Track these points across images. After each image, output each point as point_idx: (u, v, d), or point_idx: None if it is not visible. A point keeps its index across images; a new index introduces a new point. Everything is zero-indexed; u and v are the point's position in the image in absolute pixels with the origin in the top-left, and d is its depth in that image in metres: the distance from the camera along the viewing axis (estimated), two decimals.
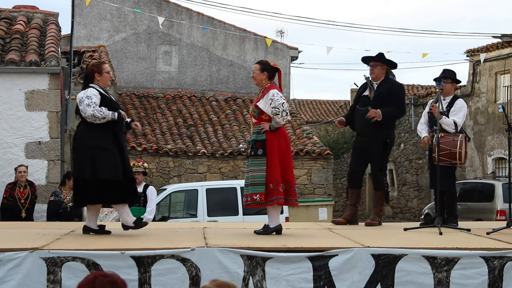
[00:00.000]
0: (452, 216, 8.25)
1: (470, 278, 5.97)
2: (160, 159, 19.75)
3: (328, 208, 16.24)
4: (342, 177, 29.25)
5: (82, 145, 6.82)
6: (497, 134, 22.67)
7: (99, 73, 6.96)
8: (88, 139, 6.78)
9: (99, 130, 6.78)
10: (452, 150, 7.87)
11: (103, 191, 6.72)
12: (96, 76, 6.95)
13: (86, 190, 6.76)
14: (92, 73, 6.98)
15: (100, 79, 6.96)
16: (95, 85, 6.92)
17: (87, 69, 7.13)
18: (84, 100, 6.76)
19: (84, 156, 6.76)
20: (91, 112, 6.71)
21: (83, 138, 6.82)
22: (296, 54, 25.35)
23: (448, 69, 8.68)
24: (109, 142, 6.80)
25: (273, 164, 6.99)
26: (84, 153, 6.78)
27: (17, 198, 10.97)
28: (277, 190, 6.98)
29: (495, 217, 15.79)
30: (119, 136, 6.91)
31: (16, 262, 5.65)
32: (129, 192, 6.93)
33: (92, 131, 6.78)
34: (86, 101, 6.75)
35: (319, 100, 42.68)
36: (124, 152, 6.94)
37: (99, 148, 6.73)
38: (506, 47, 22.37)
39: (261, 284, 5.81)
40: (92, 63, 7.48)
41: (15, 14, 14.41)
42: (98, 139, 6.76)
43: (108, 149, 6.76)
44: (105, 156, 6.73)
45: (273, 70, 7.27)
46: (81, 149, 6.82)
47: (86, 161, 6.74)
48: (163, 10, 23.82)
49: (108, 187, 6.72)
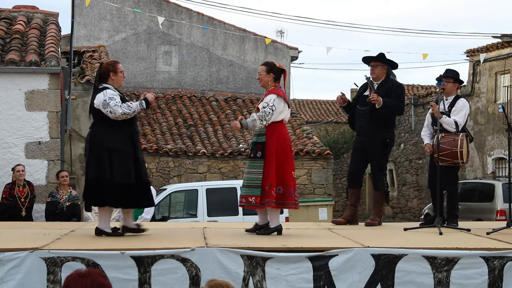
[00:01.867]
0: (452, 216, 8.25)
1: (470, 278, 5.97)
2: (160, 159, 19.75)
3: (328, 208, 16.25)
4: (342, 177, 29.25)
5: (98, 146, 6.69)
6: (497, 134, 22.68)
7: (114, 72, 6.86)
8: (104, 141, 6.68)
9: (115, 132, 6.70)
10: (453, 149, 7.86)
11: (116, 193, 6.65)
12: (111, 75, 6.85)
13: (102, 192, 6.67)
14: (108, 72, 6.86)
15: (115, 78, 6.85)
16: (109, 85, 6.81)
17: (102, 68, 6.95)
18: (109, 102, 6.64)
19: (101, 157, 6.66)
20: (121, 111, 6.62)
21: (100, 139, 6.71)
22: (296, 54, 25.35)
23: (450, 69, 8.65)
24: (126, 144, 6.73)
25: (269, 167, 6.97)
26: (100, 155, 6.67)
27: (17, 197, 10.97)
28: (269, 194, 6.97)
29: (495, 217, 15.79)
30: (134, 138, 6.85)
31: (16, 262, 5.65)
32: (142, 196, 6.85)
33: (109, 132, 6.70)
34: (112, 102, 6.64)
35: (319, 100, 42.68)
36: (139, 154, 6.85)
37: (115, 150, 6.65)
38: (506, 47, 22.37)
39: (261, 284, 5.81)
40: (107, 61, 7.29)
41: (15, 14, 14.41)
42: (115, 141, 6.67)
43: (123, 152, 6.68)
44: (120, 159, 6.65)
45: (279, 71, 7.26)
46: (97, 150, 6.70)
47: (103, 162, 6.64)
48: (163, 10, 23.82)
49: (122, 190, 6.65)
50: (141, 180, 6.82)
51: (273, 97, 7.07)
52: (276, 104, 7.03)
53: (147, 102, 6.84)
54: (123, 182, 6.65)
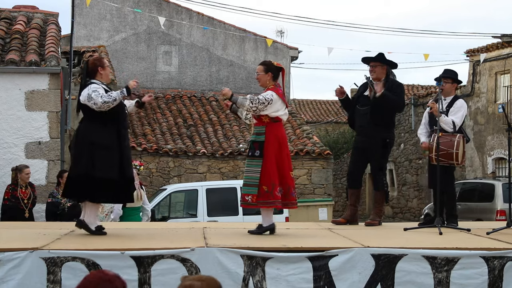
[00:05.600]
0: (452, 216, 8.25)
1: (470, 278, 5.97)
2: (160, 159, 19.75)
3: (328, 208, 16.25)
4: (342, 177, 29.25)
5: (83, 140, 6.72)
6: (497, 134, 22.67)
7: (102, 67, 6.88)
8: (89, 135, 6.69)
9: (102, 127, 6.71)
10: (449, 150, 7.87)
11: (96, 188, 6.63)
12: (100, 70, 6.87)
13: (79, 186, 6.66)
14: (95, 67, 6.87)
15: (103, 73, 6.88)
16: (96, 81, 6.83)
17: (89, 64, 6.95)
18: (91, 94, 6.66)
19: (84, 152, 6.67)
20: (101, 100, 6.62)
21: (85, 134, 6.74)
22: (296, 54, 25.36)
23: (449, 69, 8.66)
24: (111, 139, 6.72)
25: (268, 167, 6.96)
26: (83, 149, 6.69)
27: (20, 199, 10.93)
28: (273, 194, 6.94)
29: (495, 217, 15.79)
30: (122, 134, 6.85)
31: (16, 262, 5.64)
32: (122, 193, 6.83)
33: (95, 127, 6.71)
34: (94, 94, 6.65)
35: (319, 100, 42.67)
36: (125, 150, 6.84)
37: (99, 145, 6.65)
38: (506, 47, 22.36)
39: (261, 284, 5.80)
40: (93, 57, 7.29)
41: (15, 14, 14.41)
42: (100, 135, 6.68)
43: (108, 147, 6.67)
44: (103, 154, 6.64)
45: (277, 70, 7.25)
46: (81, 144, 6.73)
47: (85, 157, 6.65)
48: (163, 10, 23.82)
49: (102, 186, 6.63)
50: (124, 177, 6.79)
51: (270, 92, 7.07)
52: (273, 99, 7.03)
53: (128, 89, 6.82)
54: (104, 176, 6.63)
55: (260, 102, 6.96)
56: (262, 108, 7.00)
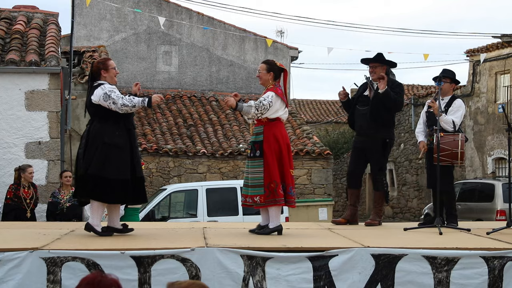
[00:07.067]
0: (452, 216, 8.25)
1: (470, 278, 5.97)
2: (160, 159, 19.75)
3: (328, 208, 16.23)
4: (342, 177, 29.24)
5: (94, 140, 6.63)
6: (497, 134, 22.67)
7: (106, 70, 6.79)
8: (102, 136, 6.62)
9: (113, 127, 6.65)
10: (454, 150, 7.86)
11: (111, 189, 6.60)
12: (103, 73, 6.78)
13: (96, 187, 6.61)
14: (98, 70, 6.79)
15: (106, 75, 6.78)
16: (104, 82, 6.74)
17: (93, 67, 6.88)
18: (110, 94, 6.57)
19: (96, 152, 6.60)
20: (122, 102, 6.56)
21: (97, 134, 6.65)
22: (296, 54, 25.35)
23: (447, 69, 8.68)
24: (123, 139, 6.68)
25: (270, 166, 6.98)
26: (98, 149, 6.61)
27: (22, 198, 10.93)
28: (277, 192, 6.97)
29: (495, 217, 15.79)
30: (132, 133, 6.81)
31: (16, 262, 5.64)
32: (136, 192, 6.81)
33: (106, 127, 6.64)
34: (114, 94, 6.58)
35: (319, 100, 42.67)
36: (135, 150, 6.82)
37: (113, 145, 6.60)
38: (506, 47, 22.37)
39: (261, 284, 5.80)
40: (97, 60, 7.18)
41: (15, 14, 14.41)
42: (113, 135, 6.63)
43: (120, 147, 6.63)
44: (117, 154, 6.60)
45: (279, 70, 7.26)
46: (95, 145, 6.63)
47: (99, 158, 6.59)
48: (163, 10, 23.82)
49: (116, 186, 6.60)
50: (136, 177, 6.78)
51: (270, 94, 7.07)
52: (273, 101, 7.04)
53: (150, 101, 6.76)
54: (119, 178, 6.61)
55: (265, 108, 6.99)
56: (268, 113, 7.05)
